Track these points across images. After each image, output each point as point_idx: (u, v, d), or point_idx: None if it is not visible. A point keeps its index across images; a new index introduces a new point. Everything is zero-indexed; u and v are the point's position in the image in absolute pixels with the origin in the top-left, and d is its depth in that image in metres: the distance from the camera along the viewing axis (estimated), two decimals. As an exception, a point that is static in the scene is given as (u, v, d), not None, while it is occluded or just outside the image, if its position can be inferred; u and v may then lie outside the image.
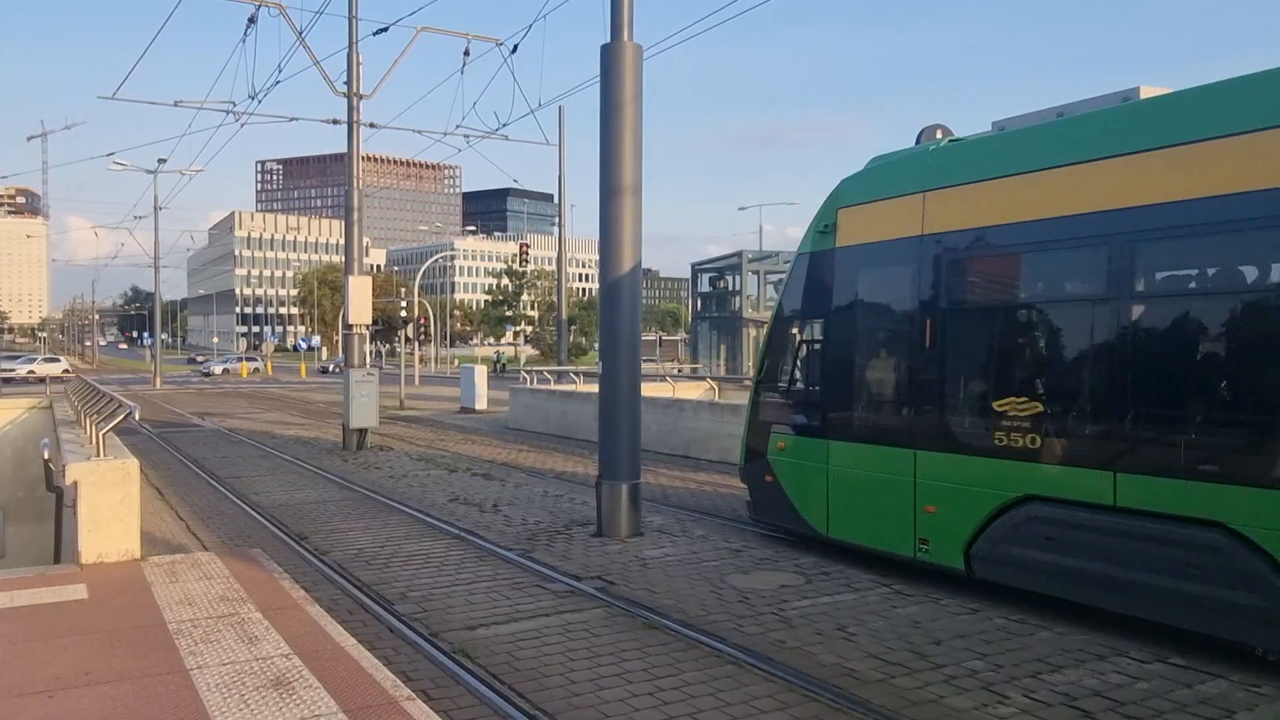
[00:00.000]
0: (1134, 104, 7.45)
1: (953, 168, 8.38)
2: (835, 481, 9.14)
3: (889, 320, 9.04)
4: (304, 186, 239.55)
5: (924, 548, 8.22)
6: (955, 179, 8.28)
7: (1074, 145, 7.38)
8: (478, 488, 14.04)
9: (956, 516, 7.90)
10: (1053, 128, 7.94)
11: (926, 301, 8.43)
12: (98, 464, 8.04)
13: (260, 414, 30.38)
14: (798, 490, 9.62)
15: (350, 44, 19.28)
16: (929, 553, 8.19)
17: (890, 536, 8.55)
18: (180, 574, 7.50)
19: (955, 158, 8.46)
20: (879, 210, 9.01)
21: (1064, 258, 7.55)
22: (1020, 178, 7.74)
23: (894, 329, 8.93)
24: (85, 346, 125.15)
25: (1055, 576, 7.21)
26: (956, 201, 8.22)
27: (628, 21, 10.36)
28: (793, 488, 9.67)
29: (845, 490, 9.05)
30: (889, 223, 8.84)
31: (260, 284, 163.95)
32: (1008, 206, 7.76)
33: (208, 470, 16.35)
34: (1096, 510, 6.90)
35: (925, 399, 8.36)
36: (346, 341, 20.47)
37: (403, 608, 7.63)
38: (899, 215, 8.70)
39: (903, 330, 8.74)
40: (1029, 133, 8.13)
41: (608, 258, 10.47)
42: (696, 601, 7.77)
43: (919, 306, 8.49)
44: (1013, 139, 8.23)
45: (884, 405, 8.99)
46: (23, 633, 5.95)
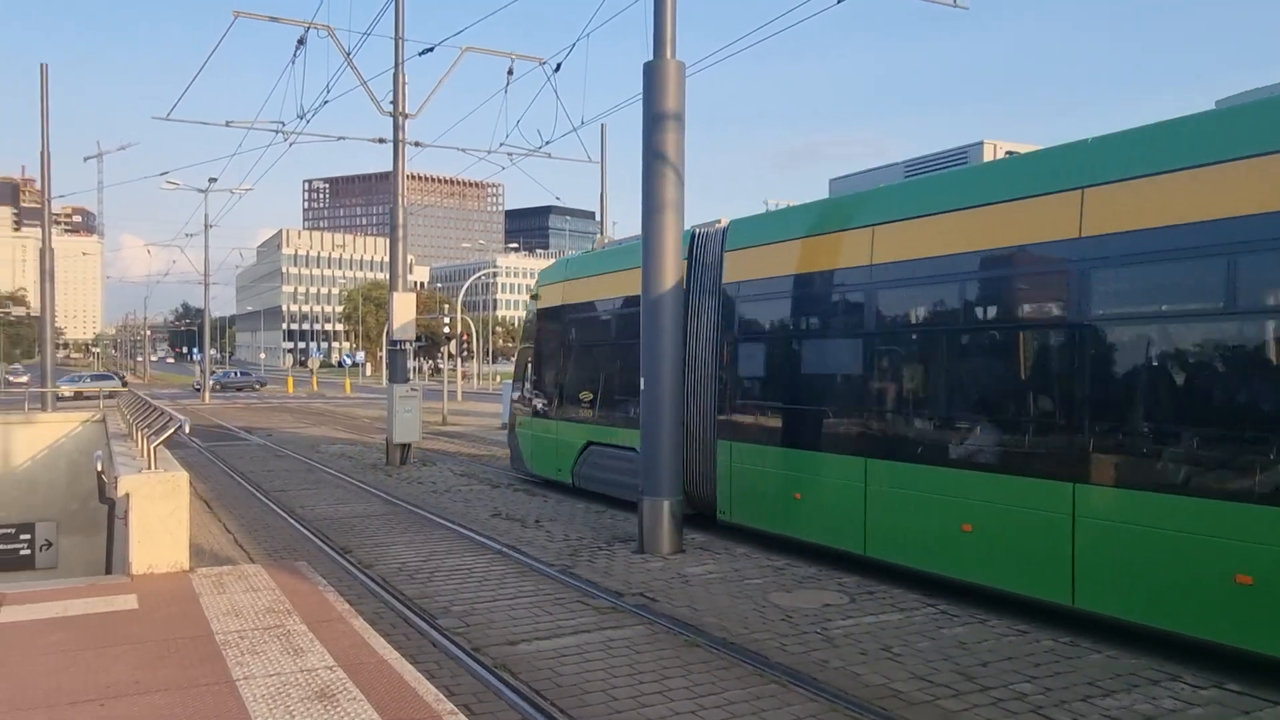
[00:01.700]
0: None
1: (575, 267, 16.31)
2: (535, 441, 16.76)
3: (553, 350, 16.49)
4: (349, 205, 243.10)
5: (561, 472, 15.53)
6: (577, 274, 15.95)
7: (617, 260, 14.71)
8: (520, 503, 14.09)
9: (568, 454, 15.31)
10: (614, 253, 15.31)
11: (565, 341, 16.05)
12: (148, 476, 8.18)
13: (305, 428, 30.78)
14: (526, 448, 17.13)
15: (396, 64, 19.58)
16: (561, 474, 15.52)
17: (551, 470, 16.04)
18: (227, 585, 7.59)
19: (578, 262, 16.53)
20: (547, 290, 16.81)
21: (604, 321, 15.13)
22: (599, 278, 15.19)
23: (554, 356, 16.41)
24: (137, 361, 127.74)
25: (600, 482, 14.35)
26: (577, 287, 15.78)
27: (670, 39, 10.40)
28: (523, 446, 17.23)
29: (537, 445, 16.66)
30: (550, 297, 16.60)
31: (306, 301, 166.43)
32: (588, 290, 15.46)
33: (254, 483, 16.58)
34: (612, 448, 14.04)
35: (561, 396, 15.92)
36: (390, 357, 20.70)
37: (445, 622, 7.66)
38: (552, 294, 16.55)
39: (558, 356, 16.27)
40: (614, 253, 15.08)
41: (650, 275, 10.48)
42: (739, 619, 7.71)
43: (562, 344, 16.14)
44: (605, 258, 15.35)
45: (551, 398, 16.27)
46: (76, 641, 6.06)
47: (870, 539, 9.43)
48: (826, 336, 10.41)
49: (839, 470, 9.79)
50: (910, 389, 9.36)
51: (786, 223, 11.06)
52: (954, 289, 8.81)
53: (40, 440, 19.41)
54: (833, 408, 10.12)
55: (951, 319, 8.84)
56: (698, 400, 12.19)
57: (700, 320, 12.23)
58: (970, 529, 8.30)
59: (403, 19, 19.29)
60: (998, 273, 8.48)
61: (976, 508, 8.23)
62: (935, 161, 9.85)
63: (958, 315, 8.80)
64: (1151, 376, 7.25)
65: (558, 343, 16.23)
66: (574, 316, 15.78)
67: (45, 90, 26.08)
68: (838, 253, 10.07)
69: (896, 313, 9.56)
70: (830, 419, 10.10)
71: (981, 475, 8.26)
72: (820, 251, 10.33)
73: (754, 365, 11.54)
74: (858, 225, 9.84)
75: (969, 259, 8.55)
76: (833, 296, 10.20)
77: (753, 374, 11.53)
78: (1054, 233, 7.76)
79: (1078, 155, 7.80)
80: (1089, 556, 7.35)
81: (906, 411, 9.35)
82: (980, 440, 8.49)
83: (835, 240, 10.13)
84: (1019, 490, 7.86)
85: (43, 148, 26.31)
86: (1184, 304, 7.22)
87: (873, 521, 9.38)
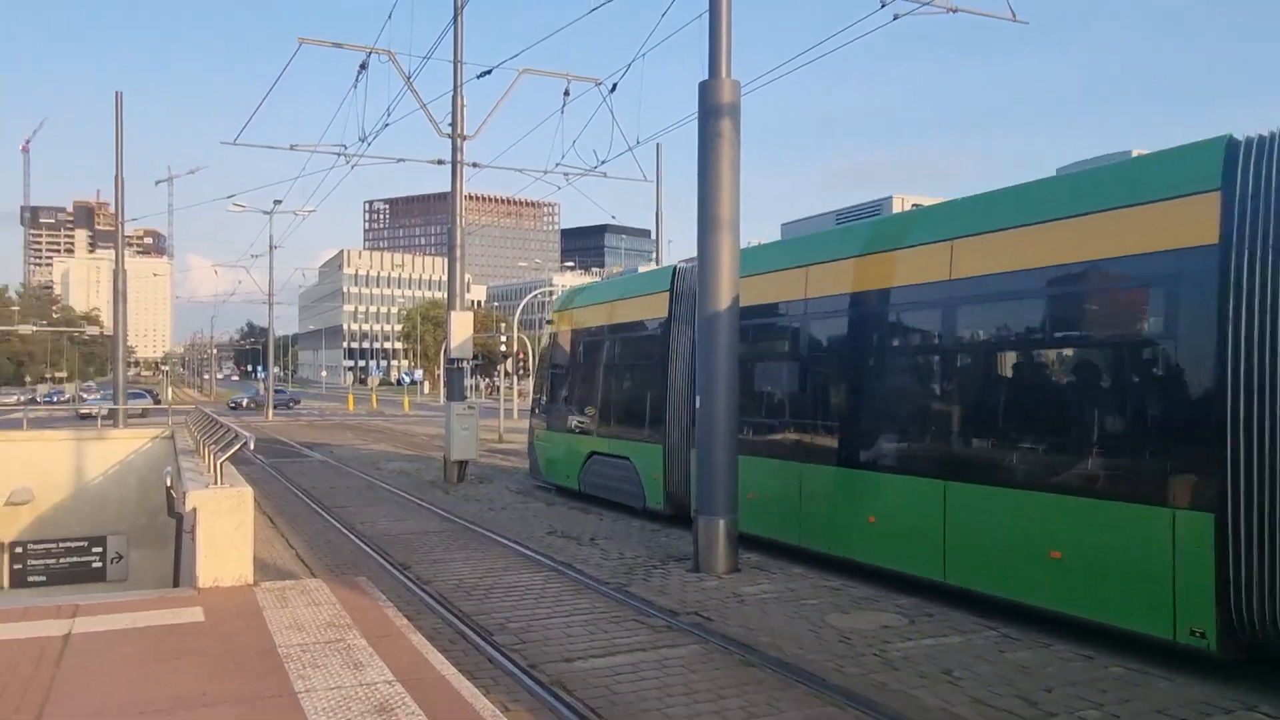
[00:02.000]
0: None
1: (581, 297, 18.55)
2: (548, 451, 18.55)
3: (562, 371, 18.41)
4: (409, 225, 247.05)
5: (569, 479, 17.34)
6: (583, 303, 18.14)
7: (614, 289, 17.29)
8: (575, 521, 14.14)
9: (575, 462, 17.19)
10: None
11: (572, 363, 18.06)
12: (215, 492, 8.39)
13: (365, 446, 31.26)
14: (541, 458, 18.95)
15: (455, 87, 19.90)
16: (570, 481, 17.35)
17: (562, 478, 17.81)
18: (290, 600, 7.73)
19: (584, 292, 18.91)
20: (559, 316, 18.83)
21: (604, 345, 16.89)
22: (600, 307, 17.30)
23: (564, 376, 18.34)
24: (203, 379, 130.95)
25: (601, 487, 16.13)
26: (582, 314, 17.94)
27: (725, 59, 10.44)
28: (539, 456, 19.05)
29: (550, 456, 18.44)
30: (561, 322, 18.64)
31: (366, 319, 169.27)
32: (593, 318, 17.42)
33: (316, 499, 16.88)
34: (611, 457, 15.76)
35: (569, 411, 17.70)
36: (448, 375, 20.96)
37: (501, 638, 7.72)
38: (563, 320, 18.57)
39: (566, 376, 18.20)
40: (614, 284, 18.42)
41: (706, 293, 10.49)
42: (795, 640, 7.64)
43: (569, 365, 18.17)
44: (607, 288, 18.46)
45: (561, 414, 18.08)
46: (145, 653, 6.22)
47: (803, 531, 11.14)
48: (769, 360, 12.45)
49: (781, 474, 11.58)
50: (835, 403, 11.21)
51: (751, 259, 12.17)
52: (869, 319, 10.60)
53: (112, 456, 20.00)
54: (777, 421, 12.14)
55: (862, 344, 10.68)
56: (680, 416, 13.81)
57: (679, 347, 13.99)
58: (874, 520, 10.04)
59: (461, 43, 19.62)
60: (888, 306, 10.27)
61: (880, 504, 10.00)
62: (856, 212, 11.67)
63: (867, 342, 10.63)
64: (994, 393, 8.96)
65: (566, 364, 18.30)
66: (579, 341, 17.91)
67: (120, 117, 26.99)
68: (783, 288, 11.80)
69: (822, 339, 11.51)
70: (772, 433, 12.07)
71: (883, 476, 10.03)
72: (768, 287, 11.99)
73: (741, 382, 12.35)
74: (794, 265, 11.62)
75: (878, 295, 10.34)
76: (778, 324, 12.14)
77: None
78: (934, 275, 9.40)
79: (950, 212, 9.61)
80: (954, 541, 8.96)
81: (822, 422, 11.31)
82: (880, 446, 10.31)
83: (780, 278, 11.86)
84: (908, 488, 9.57)
85: (117, 172, 27.22)
86: (1013, 334, 8.86)
87: (805, 515, 11.14)
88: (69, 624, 6.88)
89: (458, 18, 19.28)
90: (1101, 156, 8.37)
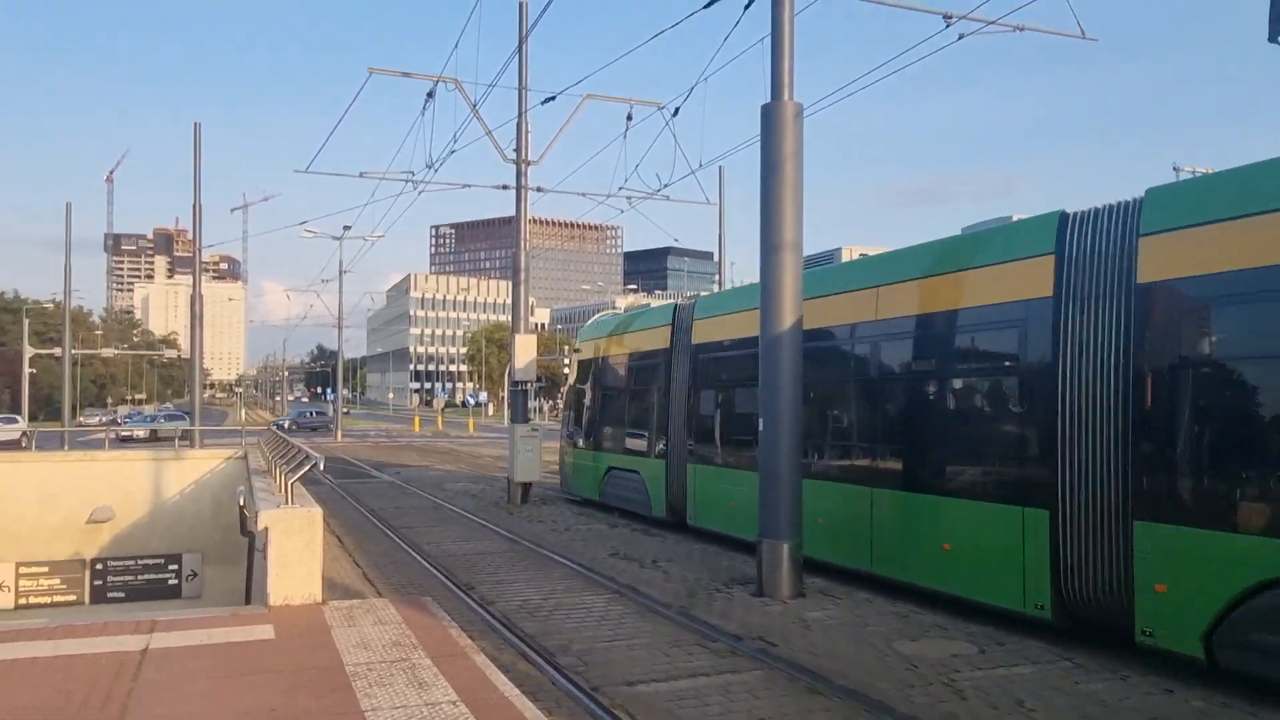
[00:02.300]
0: None
1: (603, 328, 20.44)
2: (575, 467, 20.31)
3: (586, 395, 20.11)
4: (474, 249, 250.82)
5: (591, 491, 19.17)
6: (603, 334, 19.96)
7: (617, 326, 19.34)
8: (637, 543, 14.12)
9: (596, 476, 19.06)
10: None
11: (594, 387, 19.88)
12: (285, 511, 8.57)
13: (430, 467, 31.66)
14: (569, 473, 20.87)
15: (520, 113, 20.20)
16: (592, 493, 19.23)
17: (586, 490, 19.73)
18: (357, 619, 7.85)
19: (605, 324, 20.62)
20: (584, 345, 20.82)
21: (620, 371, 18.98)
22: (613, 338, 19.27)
23: (587, 399, 20.03)
24: (275, 400, 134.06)
25: (617, 498, 17.93)
26: (602, 344, 19.72)
27: (788, 81, 10.44)
28: (568, 472, 20.91)
29: (576, 471, 20.23)
30: (586, 351, 20.56)
31: (432, 342, 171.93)
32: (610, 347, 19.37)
33: (382, 519, 17.12)
34: (625, 471, 17.80)
35: (591, 432, 19.64)
36: (512, 397, 21.15)
37: (564, 660, 7.72)
38: (587, 349, 20.50)
39: (589, 400, 19.93)
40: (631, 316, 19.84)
41: (768, 315, 10.44)
42: (861, 667, 7.52)
43: (592, 390, 19.92)
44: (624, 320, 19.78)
45: (585, 434, 19.94)
46: (218, 669, 6.36)
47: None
48: (738, 387, 14.36)
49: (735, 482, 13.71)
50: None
51: (722, 301, 15.83)
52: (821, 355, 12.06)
53: (188, 476, 20.57)
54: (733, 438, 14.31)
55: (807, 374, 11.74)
56: (678, 434, 15.87)
57: (678, 374, 16.06)
58: (823, 521, 11.36)
59: (526, 70, 19.93)
60: (830, 342, 12.15)
61: (827, 507, 11.52)
62: (811, 260, 13.80)
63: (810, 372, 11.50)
64: (902, 416, 10.93)
65: (587, 389, 20.19)
66: (597, 368, 19.87)
67: (198, 147, 27.90)
68: (742, 327, 13.52)
69: None
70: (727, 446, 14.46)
71: (829, 485, 11.67)
72: (738, 325, 14.07)
73: (710, 407, 15.18)
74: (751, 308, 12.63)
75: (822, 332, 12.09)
76: (735, 356, 14.19)
77: (710, 414, 15.15)
78: (865, 316, 11.36)
79: (876, 264, 12.02)
80: (879, 537, 10.81)
81: None
82: (827, 459, 12.08)
83: (740, 317, 13.76)
84: (845, 494, 11.43)
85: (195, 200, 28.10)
86: (916, 367, 10.85)
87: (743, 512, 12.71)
88: (146, 639, 7.07)
89: (522, 46, 19.59)
90: (991, 220, 10.36)
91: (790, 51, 10.49)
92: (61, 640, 7.14)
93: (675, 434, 15.86)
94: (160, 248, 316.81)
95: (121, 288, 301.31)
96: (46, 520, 19.64)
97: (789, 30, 10.50)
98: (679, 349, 16.05)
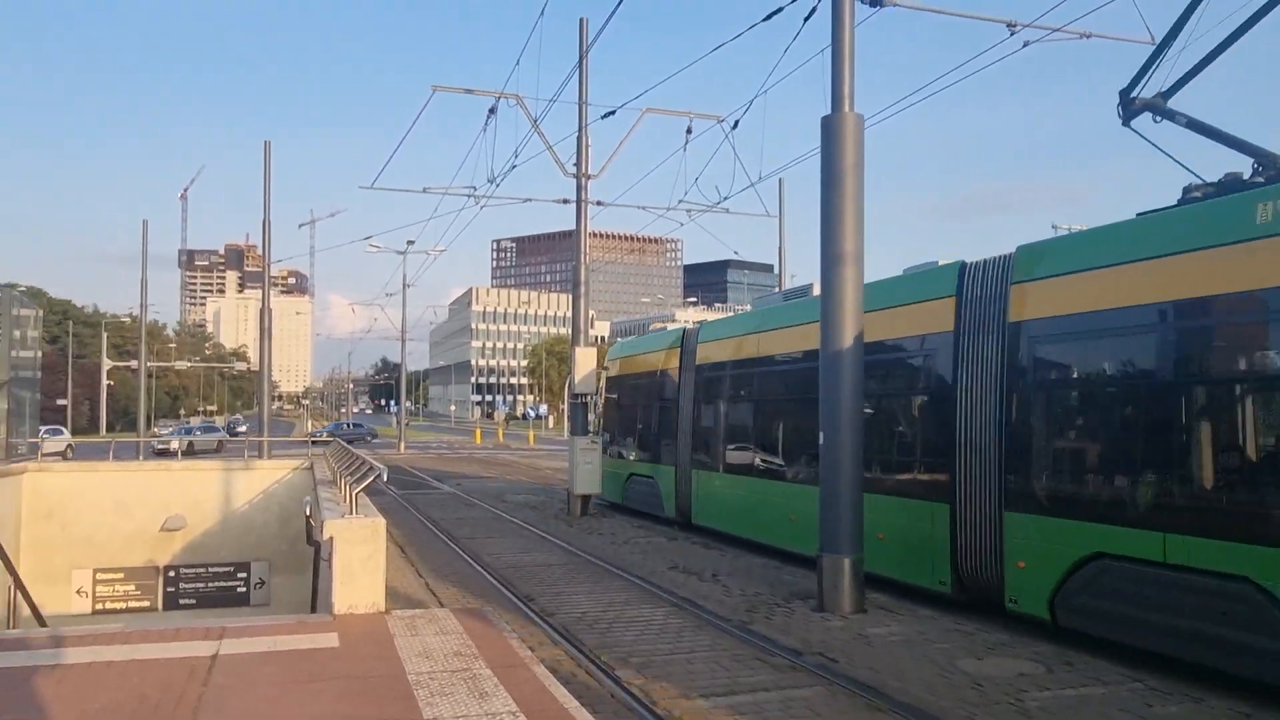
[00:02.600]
0: None
1: (627, 349, 23.16)
2: (603, 474, 20.78)
3: (613, 410, 21.83)
4: (534, 263, 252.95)
5: (616, 495, 21.17)
6: (627, 353, 22.32)
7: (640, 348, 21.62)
8: (697, 556, 14.09)
9: (620, 482, 21.03)
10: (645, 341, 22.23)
11: (619, 403, 21.62)
12: (350, 521, 8.71)
13: (492, 479, 31.95)
14: (612, 484, 21.50)
15: (580, 128, 20.38)
16: (616, 497, 21.13)
17: (612, 494, 21.34)
18: (419, 628, 7.94)
19: (630, 344, 23.99)
20: (611, 364, 22.42)
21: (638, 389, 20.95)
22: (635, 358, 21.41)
23: (614, 414, 21.82)
24: (340, 412, 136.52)
25: (637, 501, 20.20)
26: (626, 364, 21.85)
27: (848, 93, 10.38)
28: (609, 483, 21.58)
29: (605, 477, 20.85)
30: (613, 369, 22.29)
31: (494, 355, 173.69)
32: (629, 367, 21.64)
33: (444, 530, 17.32)
34: (643, 478, 20.02)
35: (617, 442, 21.58)
36: (572, 410, 21.26)
37: (623, 673, 7.72)
38: (614, 367, 22.27)
39: (615, 414, 21.78)
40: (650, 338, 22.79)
41: (828, 327, 10.37)
42: (924, 684, 7.39)
43: (617, 405, 21.68)
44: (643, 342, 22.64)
45: (613, 443, 21.71)
46: (285, 675, 6.49)
47: None
48: (738, 401, 16.50)
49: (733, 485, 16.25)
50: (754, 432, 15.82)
51: (725, 326, 17.98)
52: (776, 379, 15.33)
53: (257, 486, 21.04)
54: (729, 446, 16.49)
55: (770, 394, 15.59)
56: (684, 444, 17.87)
57: (686, 391, 18.04)
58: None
59: (586, 85, 20.12)
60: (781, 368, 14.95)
61: None
62: (790, 293, 16.04)
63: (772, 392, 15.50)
64: (782, 427, 14.88)
65: (615, 404, 22.16)
66: (622, 385, 21.89)
67: (268, 165, 28.67)
68: (740, 350, 16.44)
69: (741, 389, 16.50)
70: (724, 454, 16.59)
71: None
72: (735, 347, 16.65)
73: (717, 418, 16.89)
74: (749, 332, 16.21)
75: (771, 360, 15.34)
76: (740, 376, 16.44)
77: (714, 424, 16.93)
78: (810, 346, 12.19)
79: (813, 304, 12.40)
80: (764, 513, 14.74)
81: None
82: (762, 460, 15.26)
83: (739, 341, 16.54)
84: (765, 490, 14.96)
85: (265, 216, 28.87)
86: (795, 394, 14.32)
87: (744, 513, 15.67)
88: (216, 645, 7.25)
89: (583, 61, 19.79)
90: (919, 265, 12.24)
91: (850, 62, 10.44)
92: (136, 645, 7.35)
93: (685, 444, 17.97)
94: (231, 263, 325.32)
95: (194, 302, 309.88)
96: (121, 528, 20.23)
97: (849, 41, 10.45)
98: (687, 368, 18.18)
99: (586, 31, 19.89)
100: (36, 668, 6.59)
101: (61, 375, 68.21)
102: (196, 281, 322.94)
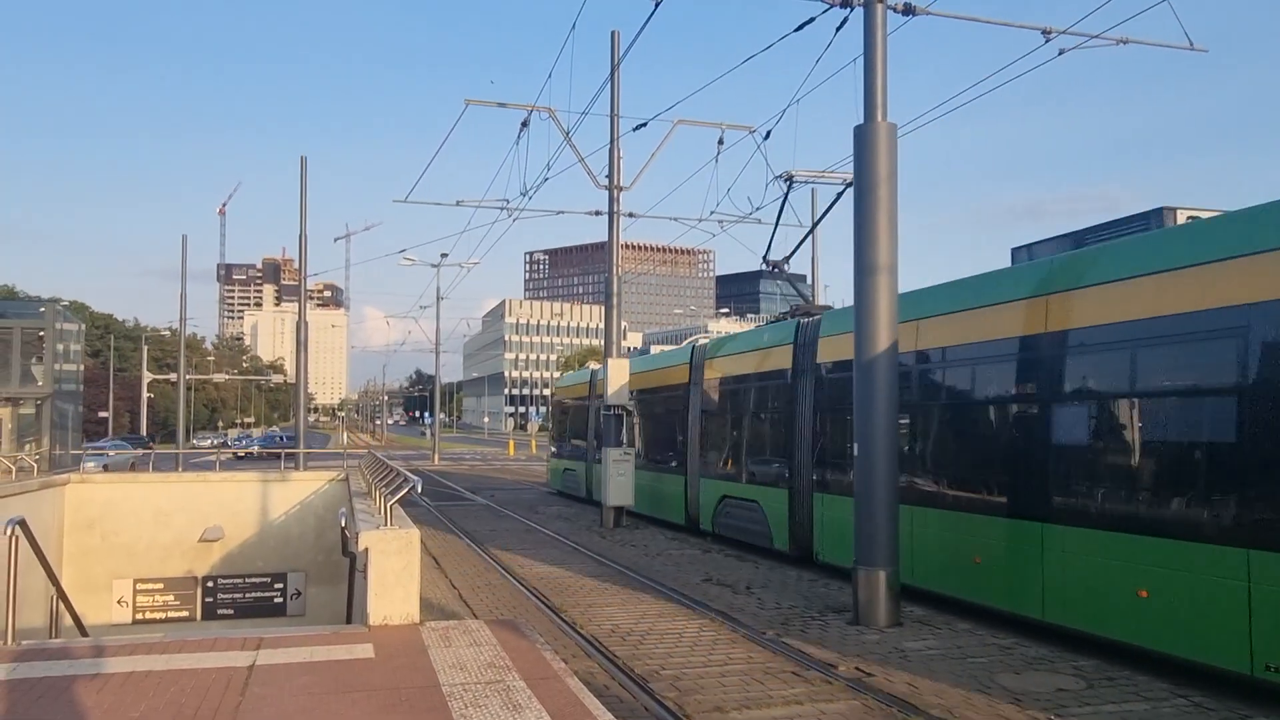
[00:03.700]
0: None
1: (567, 378, 33.75)
2: (552, 471, 30.38)
3: (558, 421, 31.04)
4: (567, 275, 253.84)
5: (582, 491, 26.34)
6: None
7: None
8: (731, 568, 14.02)
9: (576, 476, 27.45)
10: None
11: (561, 415, 30.39)
12: (385, 533, 8.76)
13: (524, 490, 32.03)
14: (551, 475, 30.51)
15: (612, 140, 20.45)
16: (578, 489, 26.93)
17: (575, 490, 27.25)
18: (453, 639, 7.96)
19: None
20: (557, 389, 33.65)
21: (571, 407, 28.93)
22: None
23: (558, 424, 30.70)
24: (375, 424, 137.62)
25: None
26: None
27: (881, 103, 10.33)
28: (550, 475, 30.64)
29: (553, 473, 30.30)
30: (559, 392, 32.07)
31: (527, 367, 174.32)
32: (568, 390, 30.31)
33: (477, 542, 17.38)
34: (570, 471, 28.40)
35: (561, 445, 29.71)
36: (605, 422, 21.27)
37: (656, 686, 7.69)
38: (560, 390, 32.43)
39: (559, 424, 30.59)
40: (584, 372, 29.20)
41: (863, 337, 10.30)
42: (962, 699, 7.29)
43: (559, 417, 30.79)
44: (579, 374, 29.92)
45: (559, 448, 29.95)
46: (320, 686, 6.53)
47: None
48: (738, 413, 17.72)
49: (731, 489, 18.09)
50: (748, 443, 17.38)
51: (734, 342, 18.44)
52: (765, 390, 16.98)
53: (293, 497, 21.26)
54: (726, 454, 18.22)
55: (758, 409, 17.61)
56: (698, 455, 18.76)
57: (695, 405, 18.93)
58: None
59: (618, 97, 20.20)
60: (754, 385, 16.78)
61: None
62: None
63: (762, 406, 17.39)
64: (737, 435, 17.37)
65: (558, 416, 29.33)
66: (564, 403, 29.52)
67: (304, 180, 29.03)
68: (741, 365, 17.45)
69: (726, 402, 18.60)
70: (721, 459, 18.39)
71: None
72: (737, 363, 17.63)
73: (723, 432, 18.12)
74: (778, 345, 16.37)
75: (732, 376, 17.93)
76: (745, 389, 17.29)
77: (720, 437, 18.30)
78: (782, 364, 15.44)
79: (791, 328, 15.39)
80: None
81: None
82: None
83: (743, 356, 17.41)
84: None
85: (301, 231, 29.21)
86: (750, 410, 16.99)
87: None
88: (253, 655, 7.31)
89: (614, 74, 19.87)
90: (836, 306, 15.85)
91: (883, 72, 10.39)
92: (175, 654, 7.42)
93: (699, 453, 18.90)
94: (268, 276, 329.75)
95: (232, 315, 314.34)
96: (160, 539, 20.52)
97: (882, 51, 10.41)
98: (697, 384, 19.05)
99: (618, 44, 19.99)
100: (77, 677, 6.68)
101: (103, 388, 69.42)
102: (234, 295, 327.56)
